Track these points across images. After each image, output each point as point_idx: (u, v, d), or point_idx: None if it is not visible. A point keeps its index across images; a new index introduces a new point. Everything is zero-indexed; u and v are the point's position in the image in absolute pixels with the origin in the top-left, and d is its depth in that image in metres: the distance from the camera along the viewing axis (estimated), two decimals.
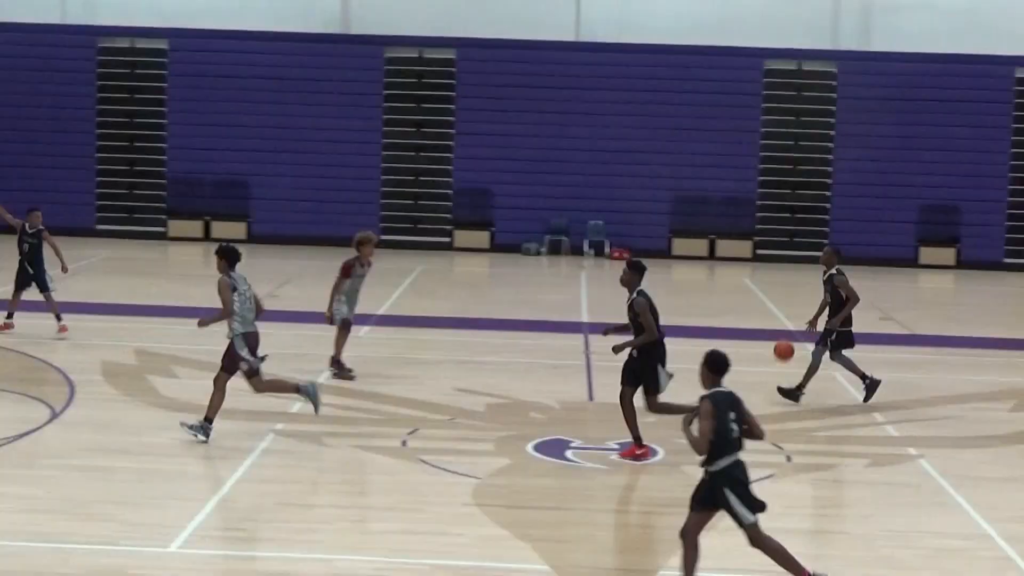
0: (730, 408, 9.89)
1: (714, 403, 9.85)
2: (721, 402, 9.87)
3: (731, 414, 9.87)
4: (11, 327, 20.59)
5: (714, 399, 9.88)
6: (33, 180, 33.72)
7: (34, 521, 11.88)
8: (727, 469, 9.88)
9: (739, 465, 9.93)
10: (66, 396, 16.60)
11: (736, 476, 9.90)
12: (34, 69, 33.92)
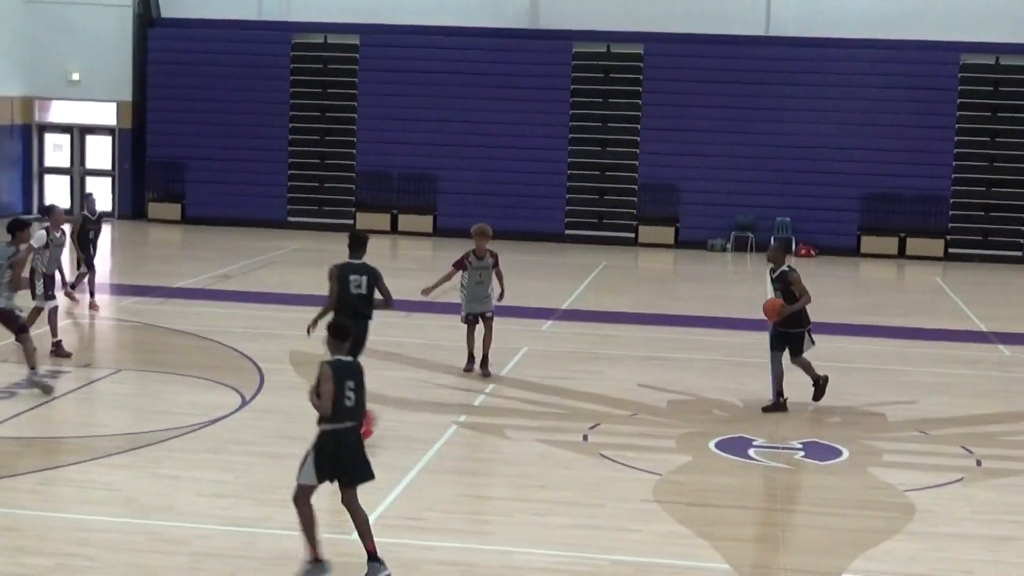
0: (348, 377, 10.31)
1: (333, 369, 10.27)
2: (340, 369, 10.29)
3: (349, 383, 10.31)
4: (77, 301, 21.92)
5: (334, 365, 10.31)
6: (228, 173, 34.59)
7: (223, 505, 12.15)
8: (327, 433, 10.31)
9: (339, 434, 10.30)
10: (256, 384, 16.95)
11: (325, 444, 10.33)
12: (231, 64, 34.74)
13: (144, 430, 14.73)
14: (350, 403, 10.39)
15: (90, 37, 34.74)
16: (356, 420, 10.51)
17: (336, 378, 10.31)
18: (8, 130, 34.18)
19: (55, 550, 10.85)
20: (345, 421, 10.40)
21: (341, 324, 10.76)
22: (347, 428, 10.43)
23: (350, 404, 10.39)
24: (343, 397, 10.35)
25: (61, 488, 12.57)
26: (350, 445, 10.45)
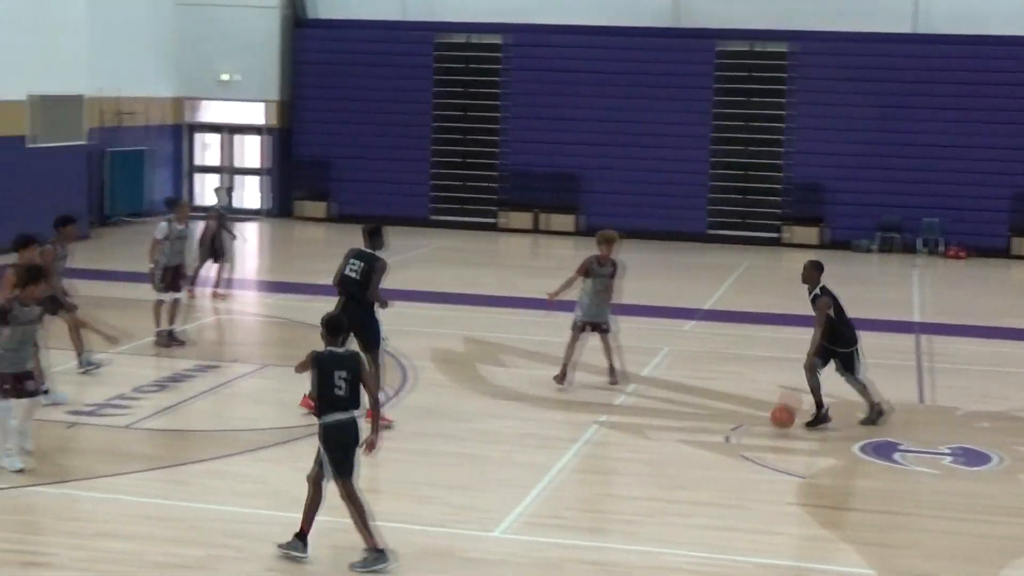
0: (339, 367, 10.47)
1: (317, 358, 10.52)
2: (326, 361, 10.49)
3: (340, 372, 10.45)
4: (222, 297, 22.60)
5: (321, 355, 10.55)
6: (373, 171, 34.99)
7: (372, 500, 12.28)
8: (326, 426, 10.47)
9: (338, 425, 10.45)
10: (399, 381, 17.13)
11: (327, 436, 10.50)
12: (376, 64, 35.13)
13: (289, 425, 14.97)
14: (341, 392, 10.52)
15: (240, 38, 35.39)
16: (354, 408, 10.60)
17: (323, 369, 10.51)
18: (160, 130, 34.95)
19: (206, 540, 11.08)
20: (340, 411, 10.53)
21: (333, 317, 10.90)
22: (347, 418, 10.54)
23: (341, 393, 10.52)
24: (333, 387, 10.51)
25: (211, 480, 12.83)
26: (349, 434, 10.57)
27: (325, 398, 10.54)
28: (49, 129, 28.43)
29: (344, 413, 10.57)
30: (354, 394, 10.60)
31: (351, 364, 10.65)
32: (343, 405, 10.56)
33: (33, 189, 27.33)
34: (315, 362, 10.60)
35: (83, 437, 13.91)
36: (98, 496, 12.13)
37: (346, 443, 10.59)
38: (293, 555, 10.68)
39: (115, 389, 15.93)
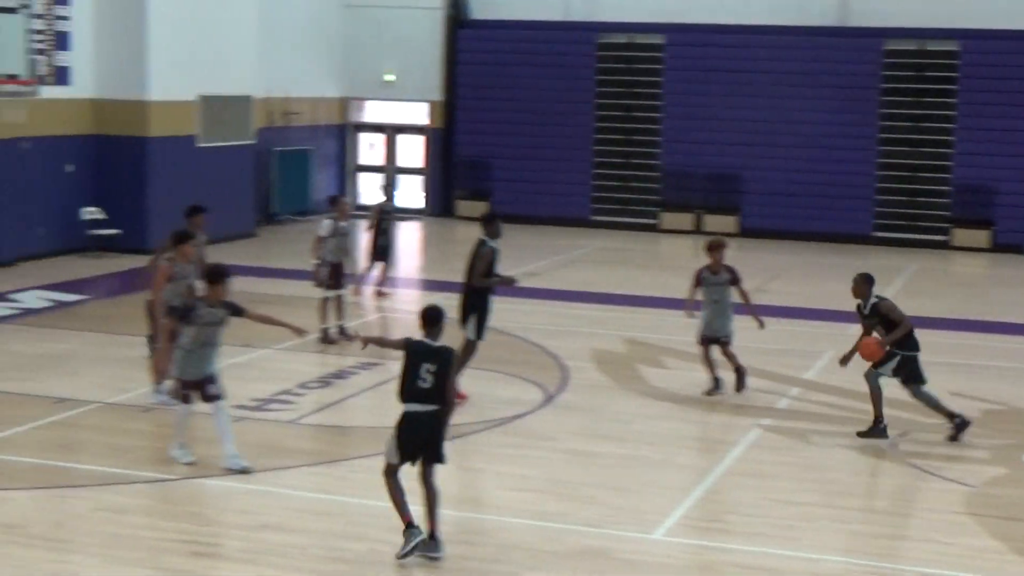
0: (426, 360, 10.43)
1: (409, 346, 10.54)
2: (417, 351, 10.48)
3: (427, 365, 10.42)
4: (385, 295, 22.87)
5: (413, 343, 10.55)
6: (534, 171, 35.05)
7: (525, 499, 12.32)
8: (404, 414, 10.51)
9: (412, 416, 10.49)
10: (559, 381, 17.13)
11: (402, 424, 10.53)
12: (538, 64, 35.18)
13: (451, 423, 15.04)
14: (424, 384, 10.48)
15: (403, 39, 35.75)
16: (435, 403, 10.53)
17: (411, 358, 10.50)
18: (325, 130, 35.46)
19: (366, 536, 11.20)
20: (420, 402, 10.51)
21: (429, 309, 10.79)
22: (425, 411, 10.51)
23: (424, 386, 10.48)
24: (417, 378, 10.49)
25: (372, 476, 12.93)
26: (425, 426, 10.53)
27: (407, 387, 10.55)
28: (218, 129, 29.04)
29: (421, 405, 10.54)
30: (438, 388, 10.54)
31: (441, 358, 10.59)
32: (423, 397, 10.53)
33: (202, 187, 27.92)
34: (406, 349, 10.62)
35: (248, 431, 14.14)
36: (262, 489, 12.33)
37: (415, 435, 10.57)
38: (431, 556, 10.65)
39: (280, 385, 16.18)
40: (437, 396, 10.56)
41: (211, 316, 12.70)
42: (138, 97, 27.06)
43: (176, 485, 12.38)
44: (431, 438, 10.63)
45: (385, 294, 22.89)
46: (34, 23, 25.14)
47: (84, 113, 27.02)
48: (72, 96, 26.60)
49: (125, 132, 27.09)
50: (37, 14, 25.25)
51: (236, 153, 29.71)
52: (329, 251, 18.99)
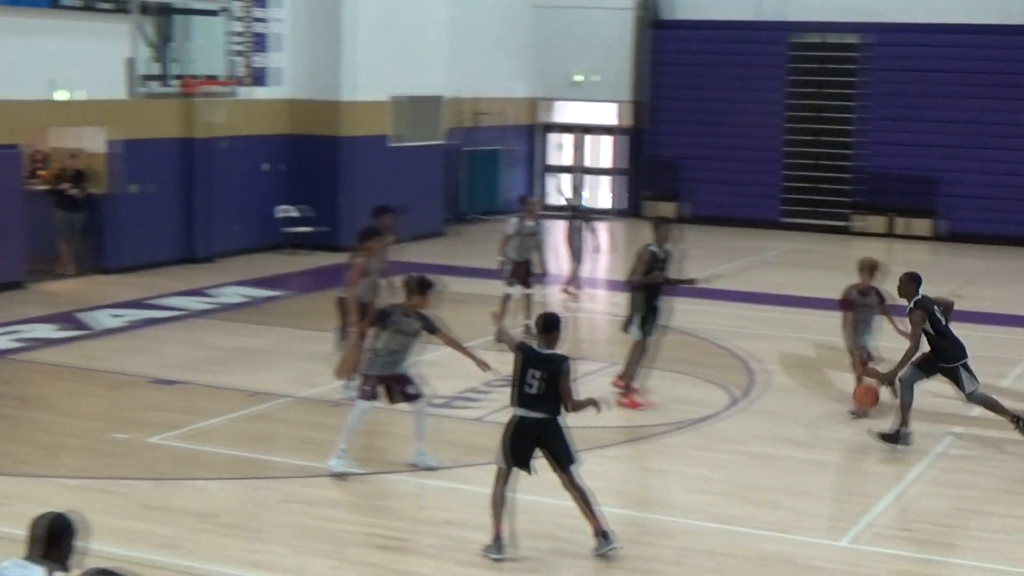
0: (536, 366, 10.30)
1: (520, 350, 10.53)
2: (528, 356, 10.42)
3: (534, 371, 10.30)
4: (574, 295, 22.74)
5: (523, 348, 10.54)
6: (723, 172, 34.78)
7: (708, 502, 12.25)
8: (511, 419, 10.50)
9: (517, 421, 10.44)
10: (745, 383, 16.99)
11: (507, 428, 10.53)
12: (728, 64, 34.89)
13: (635, 424, 15.05)
14: (531, 391, 10.38)
15: (594, 39, 35.78)
16: (544, 412, 10.41)
17: (521, 363, 10.45)
18: (515, 130, 35.69)
19: (549, 534, 11.24)
20: (526, 408, 10.44)
21: (545, 316, 10.76)
22: (531, 417, 10.42)
23: (531, 392, 10.38)
24: (524, 384, 10.42)
25: (555, 475, 12.98)
26: (530, 433, 10.45)
27: (515, 392, 10.51)
28: (410, 129, 29.45)
29: (526, 411, 10.47)
30: (548, 396, 10.41)
31: (550, 366, 10.44)
32: (530, 404, 10.44)
33: (393, 187, 28.35)
34: (517, 351, 10.60)
35: (434, 428, 14.31)
36: (449, 486, 12.47)
37: (519, 441, 10.52)
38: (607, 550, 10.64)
39: (466, 383, 16.32)
40: (545, 403, 10.44)
41: (406, 326, 12.63)
42: (332, 98, 27.60)
43: (364, 479, 12.59)
44: (548, 445, 10.53)
45: (573, 294, 22.93)
46: (234, 25, 25.81)
47: (280, 113, 27.66)
48: (269, 97, 27.25)
49: (319, 132, 27.67)
50: (237, 17, 25.93)
51: (427, 153, 30.09)
52: (513, 249, 19.10)
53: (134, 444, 13.55)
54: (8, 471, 12.50)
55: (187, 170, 25.40)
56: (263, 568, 10.33)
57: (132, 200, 24.05)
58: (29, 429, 14.06)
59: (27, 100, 22.04)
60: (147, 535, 10.89)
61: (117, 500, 11.78)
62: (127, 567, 8.34)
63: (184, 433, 13.98)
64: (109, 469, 12.72)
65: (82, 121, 23.60)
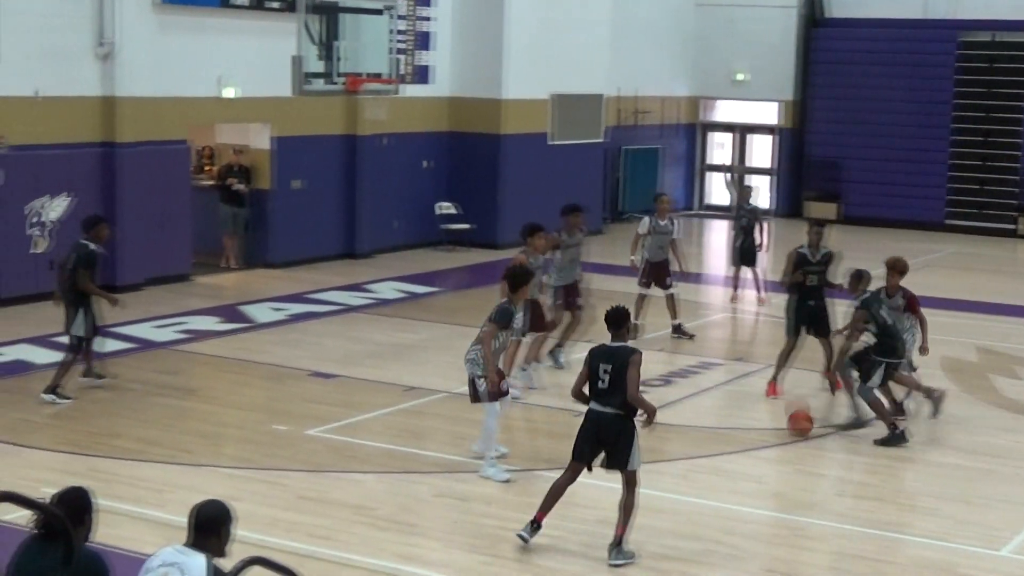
0: (605, 360, 10.49)
1: (590, 352, 10.74)
2: (597, 353, 10.62)
3: (604, 366, 10.46)
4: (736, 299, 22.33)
5: (593, 349, 10.76)
6: (886, 173, 34.18)
7: (865, 507, 12.07)
8: (586, 412, 10.68)
9: (590, 413, 10.61)
10: (905, 388, 16.63)
11: (583, 421, 10.73)
12: (893, 64, 34.26)
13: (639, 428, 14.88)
14: (603, 385, 10.48)
15: (756, 38, 35.43)
16: (613, 406, 10.47)
17: (591, 361, 10.61)
18: (675, 129, 35.51)
19: (703, 536, 11.19)
20: (597, 403, 10.53)
21: (613, 311, 10.82)
22: (601, 412, 10.51)
23: (603, 387, 10.48)
24: (596, 379, 10.53)
25: (711, 476, 12.93)
26: (601, 428, 10.55)
27: (590, 388, 10.63)
28: (569, 127, 29.48)
29: (601, 406, 10.53)
30: (617, 389, 10.45)
31: (616, 359, 10.50)
32: (599, 397, 10.54)
33: (552, 185, 28.43)
34: (588, 355, 10.74)
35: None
36: (602, 484, 12.44)
37: (588, 433, 10.63)
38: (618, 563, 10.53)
39: None
40: (614, 398, 10.47)
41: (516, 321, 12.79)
42: (493, 95, 27.76)
43: (515, 476, 12.64)
44: (616, 441, 10.54)
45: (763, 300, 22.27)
46: (398, 24, 26.08)
47: (441, 111, 27.90)
48: (430, 94, 27.51)
49: (479, 130, 27.84)
50: (401, 15, 26.21)
51: (586, 151, 30.09)
52: (648, 248, 18.97)
53: (293, 436, 13.79)
54: (171, 459, 12.82)
55: (349, 167, 25.76)
56: (415, 562, 10.44)
57: (295, 196, 24.48)
58: (192, 419, 14.40)
59: (196, 97, 22.57)
60: (303, 526, 11.08)
61: (275, 491, 12.00)
62: (283, 557, 8.50)
63: (341, 426, 14.19)
64: (268, 460, 12.96)
65: (248, 118, 24.09)
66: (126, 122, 21.29)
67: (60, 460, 12.67)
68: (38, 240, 20.25)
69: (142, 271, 21.69)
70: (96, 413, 14.46)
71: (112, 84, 21.17)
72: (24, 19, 19.91)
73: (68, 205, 20.60)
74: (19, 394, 15.22)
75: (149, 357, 17.23)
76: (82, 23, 20.82)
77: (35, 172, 20.16)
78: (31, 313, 19.22)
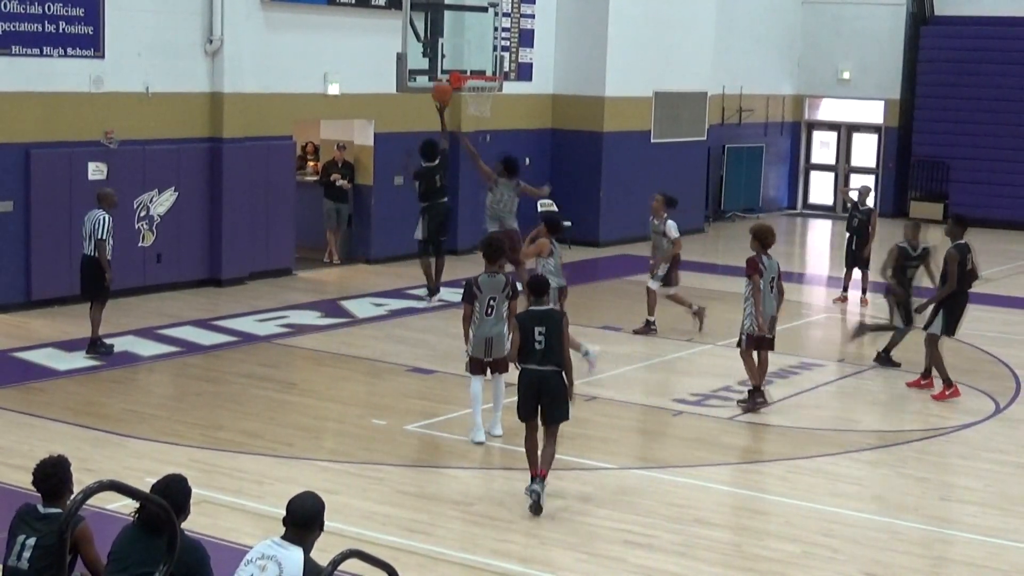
0: (538, 323, 11.34)
1: (519, 319, 11.60)
2: (527, 317, 11.48)
3: (539, 328, 11.31)
4: (845, 300, 21.92)
5: (520, 315, 11.68)
6: (994, 173, 33.59)
7: (969, 512, 11.89)
8: (521, 372, 11.51)
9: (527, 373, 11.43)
10: (1011, 392, 16.41)
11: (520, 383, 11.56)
12: (1002, 62, 33.55)
13: (893, 428, 14.70)
14: (540, 346, 11.32)
15: (862, 36, 35.02)
16: (551, 364, 11.32)
17: (523, 326, 11.42)
18: (779, 127, 35.20)
19: (801, 537, 11.08)
20: (535, 363, 11.33)
21: (535, 279, 11.88)
22: (539, 371, 11.33)
23: (540, 347, 11.32)
24: (532, 341, 11.32)
25: (811, 478, 12.81)
26: (542, 385, 11.36)
27: (523, 351, 11.41)
28: (672, 125, 29.34)
29: (539, 365, 11.35)
30: (550, 348, 11.32)
31: (548, 321, 11.41)
32: (538, 358, 11.35)
33: (655, 183, 28.28)
34: (518, 322, 11.58)
35: (687, 426, 14.27)
36: (699, 484, 12.40)
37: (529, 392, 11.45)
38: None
39: (721, 381, 16.22)
40: (551, 356, 11.34)
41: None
42: (596, 93, 27.70)
43: (608, 474, 12.61)
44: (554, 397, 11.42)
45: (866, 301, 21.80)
46: (503, 21, 26.10)
47: (543, 108, 27.90)
48: (533, 92, 27.52)
49: (582, 127, 27.79)
50: (505, 12, 26.22)
51: (689, 149, 29.93)
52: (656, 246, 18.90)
53: (391, 430, 13.87)
54: (271, 452, 12.94)
55: (451, 163, 25.82)
56: (511, 558, 10.45)
57: (396, 192, 24.60)
58: (292, 412, 14.53)
59: (301, 93, 22.78)
60: (400, 520, 11.13)
61: (373, 484, 12.08)
62: (378, 551, 8.55)
63: (439, 422, 14.24)
64: (366, 454, 13.05)
65: (352, 114, 24.26)
66: (232, 118, 21.54)
67: (163, 451, 12.85)
68: (146, 234, 20.56)
69: (246, 265, 21.93)
70: (199, 405, 14.65)
71: (220, 80, 21.43)
72: (134, 15, 20.20)
73: (175, 200, 20.89)
74: (126, 385, 15.47)
75: (251, 350, 17.41)
76: (191, 20, 21.09)
77: (143, 167, 20.45)
78: (139, 305, 19.53)
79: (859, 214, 21.91)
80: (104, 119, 19.88)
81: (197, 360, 16.75)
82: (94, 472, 11.31)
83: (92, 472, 11.24)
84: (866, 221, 21.78)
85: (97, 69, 19.77)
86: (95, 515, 8.45)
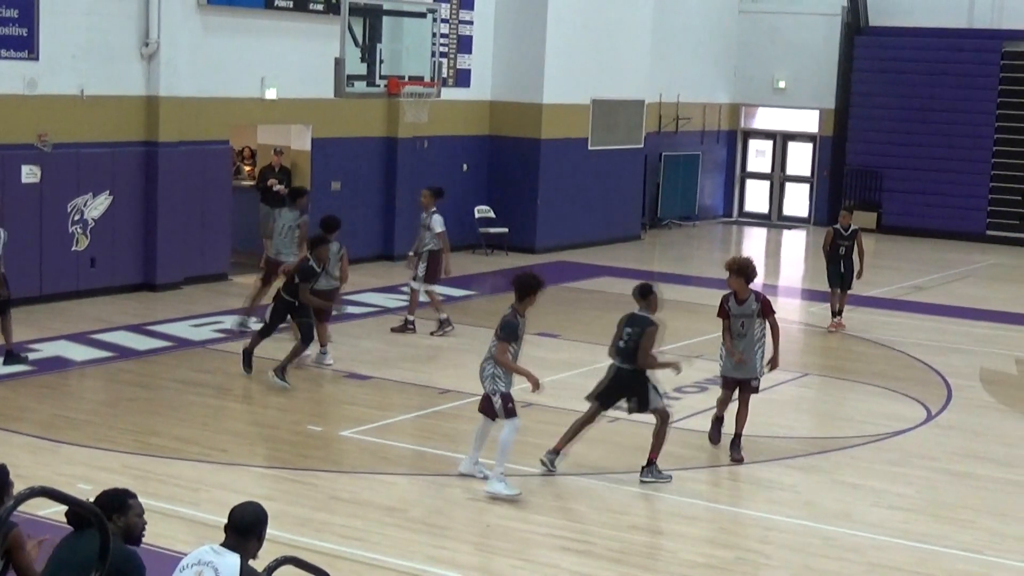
0: (627, 324, 12.43)
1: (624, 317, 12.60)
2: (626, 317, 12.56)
3: (627, 329, 12.39)
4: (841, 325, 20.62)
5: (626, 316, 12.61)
6: (926, 183, 33.96)
7: (900, 518, 12.01)
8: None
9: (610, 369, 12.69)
10: (943, 399, 16.60)
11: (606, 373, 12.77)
12: (935, 73, 34.05)
13: (826, 435, 14.83)
14: (623, 344, 12.39)
15: (798, 45, 35.30)
16: (626, 362, 12.38)
17: (621, 322, 12.52)
18: (715, 135, 35.43)
19: (736, 544, 11.16)
20: (616, 359, 12.50)
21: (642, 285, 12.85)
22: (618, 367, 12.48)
23: (623, 346, 12.40)
24: (619, 339, 12.46)
25: (744, 484, 12.90)
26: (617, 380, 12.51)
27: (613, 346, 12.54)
28: (609, 133, 29.45)
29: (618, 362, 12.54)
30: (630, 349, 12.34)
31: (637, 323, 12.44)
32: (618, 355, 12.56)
33: (591, 190, 28.44)
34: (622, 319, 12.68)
35: (621, 432, 14.31)
36: (635, 490, 12.46)
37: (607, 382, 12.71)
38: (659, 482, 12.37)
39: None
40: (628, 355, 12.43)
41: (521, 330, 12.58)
42: (533, 100, 27.75)
43: (546, 480, 12.64)
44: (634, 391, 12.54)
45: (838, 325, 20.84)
46: (440, 27, 26.09)
47: (481, 114, 27.93)
48: (471, 98, 27.53)
49: (519, 134, 27.84)
50: (443, 19, 26.22)
51: (626, 157, 30.06)
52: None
53: (327, 436, 13.84)
54: (206, 458, 12.87)
55: (388, 169, 25.82)
56: (447, 564, 10.45)
57: (334, 197, 24.53)
58: (227, 418, 14.46)
59: (239, 97, 22.67)
60: (335, 526, 11.11)
61: (308, 491, 12.04)
62: (314, 557, 8.53)
63: (375, 428, 14.22)
64: (302, 460, 13.00)
65: (289, 119, 24.18)
66: (168, 122, 21.40)
67: (96, 456, 12.74)
68: (80, 238, 20.38)
69: (181, 270, 21.81)
70: (132, 411, 14.54)
71: (156, 83, 21.28)
72: (69, 17, 20.04)
73: (109, 204, 20.73)
74: (58, 390, 15.33)
75: (186, 356, 17.31)
76: (127, 22, 20.94)
77: (77, 170, 20.28)
78: (72, 310, 19.36)
79: (844, 240, 20.57)
80: (38, 122, 19.71)
81: (131, 365, 16.63)
82: (25, 479, 11.17)
83: (24, 479, 11.10)
84: (851, 246, 20.50)
85: (31, 71, 19.61)
86: (28, 521, 8.37)
